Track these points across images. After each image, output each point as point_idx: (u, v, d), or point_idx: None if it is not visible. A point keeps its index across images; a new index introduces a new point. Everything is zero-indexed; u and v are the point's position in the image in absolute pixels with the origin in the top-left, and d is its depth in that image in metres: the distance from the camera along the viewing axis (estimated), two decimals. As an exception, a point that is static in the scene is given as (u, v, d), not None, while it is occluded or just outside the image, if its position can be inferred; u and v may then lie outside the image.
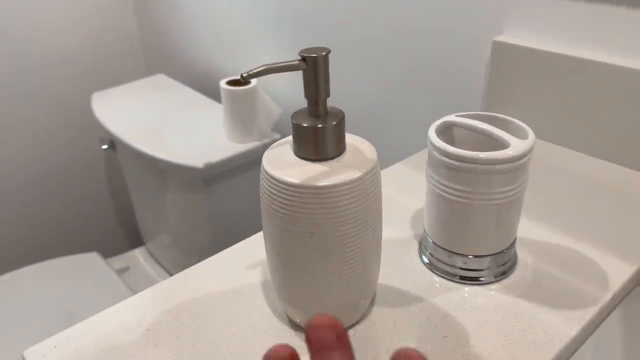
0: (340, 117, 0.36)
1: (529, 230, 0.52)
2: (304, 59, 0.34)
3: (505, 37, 0.67)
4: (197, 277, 0.48)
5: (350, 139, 0.39)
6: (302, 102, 0.36)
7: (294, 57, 0.35)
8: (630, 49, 0.58)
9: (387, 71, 0.86)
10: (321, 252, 0.36)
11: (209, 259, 0.51)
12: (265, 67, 0.33)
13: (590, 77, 0.60)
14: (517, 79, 0.67)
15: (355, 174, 0.35)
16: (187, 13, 1.28)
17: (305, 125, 0.35)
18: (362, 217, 0.36)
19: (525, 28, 0.66)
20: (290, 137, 0.38)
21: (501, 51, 0.67)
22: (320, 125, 0.35)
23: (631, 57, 0.58)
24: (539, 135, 0.66)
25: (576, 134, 0.64)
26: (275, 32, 1.04)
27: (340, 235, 0.36)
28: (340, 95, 0.94)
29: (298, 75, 1.07)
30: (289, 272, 0.39)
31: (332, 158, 0.36)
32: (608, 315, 0.45)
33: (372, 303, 0.44)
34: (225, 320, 0.43)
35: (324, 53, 0.34)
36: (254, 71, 0.33)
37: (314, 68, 0.34)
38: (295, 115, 0.37)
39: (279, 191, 0.35)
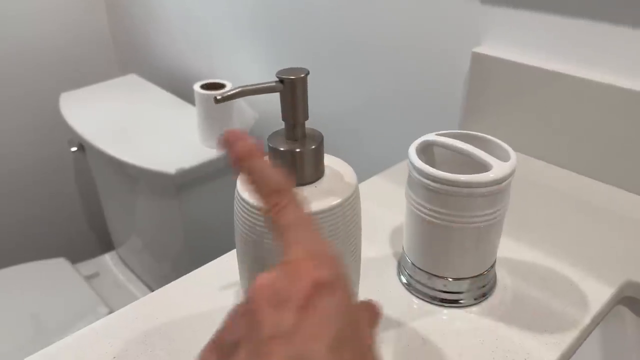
0: (319, 140, 0.34)
1: (508, 248, 0.51)
2: (281, 80, 0.32)
3: (484, 49, 0.66)
4: (167, 298, 0.46)
5: (328, 160, 0.37)
6: (278, 108, 0.34)
7: (268, 60, 0.33)
8: (610, 64, 0.58)
9: (362, 81, 0.84)
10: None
11: (180, 279, 0.48)
12: (240, 89, 0.31)
13: (569, 92, 0.60)
14: (496, 90, 0.66)
15: (334, 201, 0.33)
16: (161, 12, 1.25)
17: (282, 149, 0.34)
18: (341, 244, 0.35)
19: (504, 40, 0.65)
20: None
21: (480, 63, 0.66)
22: (298, 150, 0.33)
23: (610, 73, 0.58)
24: (516, 148, 0.66)
25: (555, 149, 0.64)
26: (250, 35, 1.02)
27: (317, 264, 0.34)
28: (313, 105, 0.93)
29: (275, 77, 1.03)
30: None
31: (310, 183, 0.35)
32: (587, 337, 0.44)
33: (349, 328, 0.43)
34: (197, 347, 0.41)
35: (302, 75, 0.32)
36: (228, 94, 0.31)
37: (291, 90, 0.33)
38: (271, 137, 0.35)
39: (253, 218, 0.34)
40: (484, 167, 0.41)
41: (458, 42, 0.69)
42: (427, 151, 0.45)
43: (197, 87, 0.98)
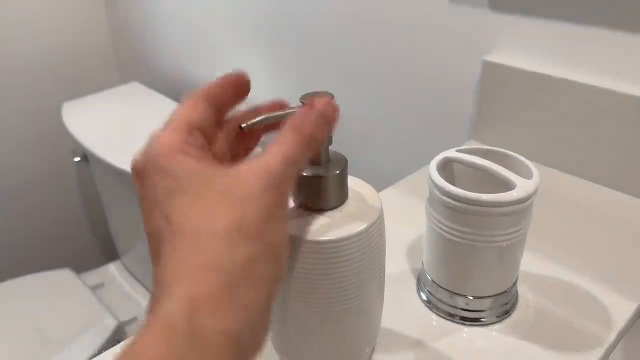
0: (343, 164, 0.34)
1: (527, 262, 0.50)
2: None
3: (495, 57, 0.66)
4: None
5: (351, 182, 0.36)
6: None
7: (271, 67, 0.33)
8: (623, 72, 0.57)
9: (370, 90, 0.84)
10: (323, 307, 0.34)
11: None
12: (265, 116, 0.31)
13: (582, 100, 0.60)
14: (507, 99, 0.66)
15: (360, 227, 0.33)
16: (161, 19, 1.24)
17: (305, 174, 0.33)
18: (367, 271, 0.34)
19: (515, 48, 0.64)
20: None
21: (491, 71, 0.66)
22: (322, 175, 0.33)
23: (624, 81, 0.57)
24: (529, 157, 0.65)
25: (569, 157, 0.63)
26: (253, 41, 1.01)
27: (343, 291, 0.34)
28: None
29: (280, 85, 1.03)
30: (288, 327, 0.36)
31: (334, 208, 0.34)
32: (611, 353, 0.44)
33: (372, 349, 0.42)
34: None
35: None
36: (254, 122, 0.30)
37: (316, 115, 0.32)
38: (294, 162, 0.34)
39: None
40: (506, 184, 0.40)
41: (468, 51, 0.68)
42: (446, 167, 0.44)
43: (202, 96, 0.97)
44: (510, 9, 0.63)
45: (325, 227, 0.33)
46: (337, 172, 0.33)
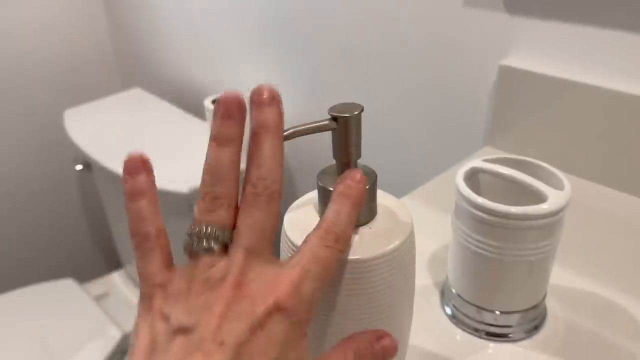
0: (372, 179, 0.32)
1: (554, 274, 0.48)
2: (334, 118, 0.30)
3: (512, 61, 0.64)
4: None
5: (380, 197, 0.35)
6: (294, 121, 0.31)
7: (276, 72, 0.31)
8: (644, 76, 0.56)
9: (381, 95, 0.82)
10: (353, 327, 0.33)
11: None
12: (292, 130, 0.29)
13: (603, 105, 0.58)
14: (524, 104, 0.64)
15: (391, 244, 0.31)
16: (163, 24, 1.23)
17: (332, 189, 0.31)
18: (398, 288, 0.32)
19: (532, 52, 0.63)
20: (314, 195, 0.34)
21: (507, 76, 0.64)
22: (351, 190, 0.31)
23: (645, 85, 0.56)
24: (546, 163, 0.64)
25: (588, 163, 0.62)
26: (257, 43, 0.99)
27: (373, 310, 0.32)
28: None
29: (287, 91, 1.01)
30: (316, 345, 0.35)
31: (363, 224, 0.32)
32: (643, 369, 0.42)
33: (398, 368, 0.40)
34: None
35: (356, 112, 0.30)
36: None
37: (345, 128, 0.30)
38: (321, 175, 0.33)
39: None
40: (537, 197, 0.38)
41: (484, 55, 0.67)
42: (472, 177, 0.43)
43: (207, 103, 0.95)
44: (526, 11, 0.62)
45: (356, 245, 0.31)
46: (367, 186, 0.32)
